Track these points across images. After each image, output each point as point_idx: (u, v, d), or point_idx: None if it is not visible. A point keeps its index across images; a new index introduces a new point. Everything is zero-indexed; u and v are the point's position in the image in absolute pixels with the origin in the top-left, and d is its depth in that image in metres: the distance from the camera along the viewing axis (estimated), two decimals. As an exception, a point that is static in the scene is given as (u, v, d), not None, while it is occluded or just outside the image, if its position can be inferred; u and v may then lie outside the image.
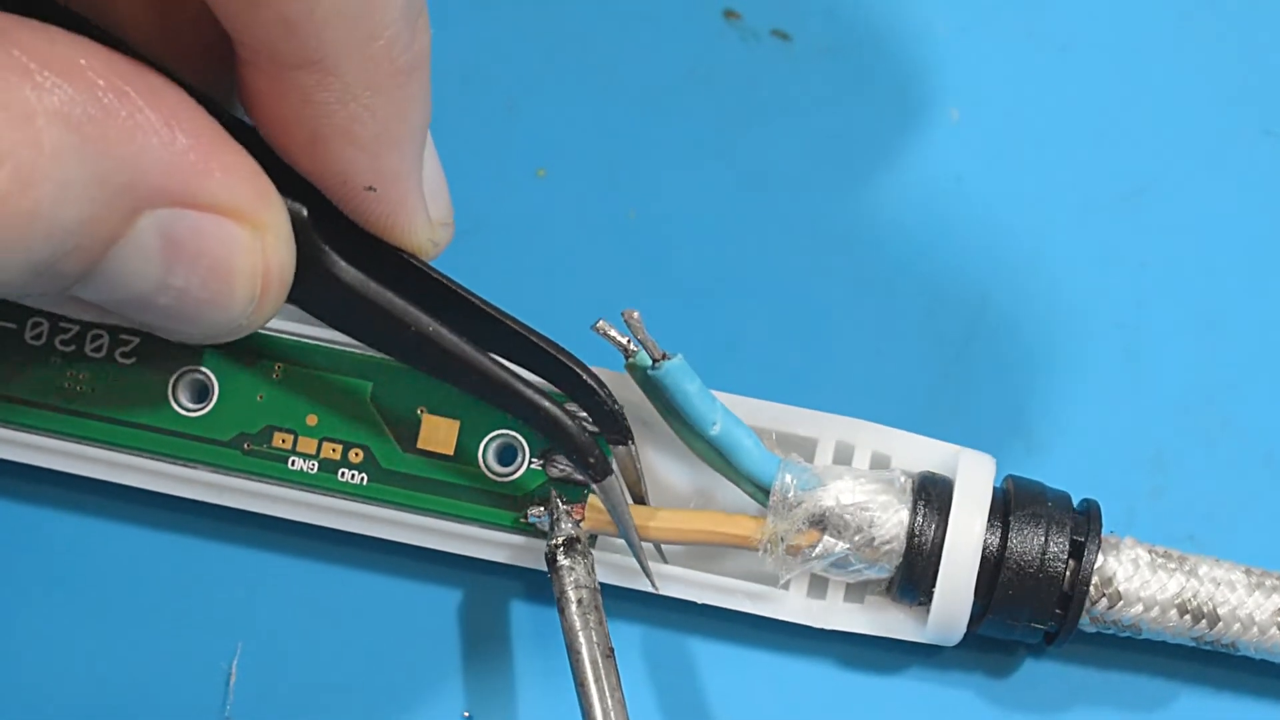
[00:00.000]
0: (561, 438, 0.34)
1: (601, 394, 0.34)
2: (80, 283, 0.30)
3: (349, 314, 0.33)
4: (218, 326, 0.31)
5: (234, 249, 0.30)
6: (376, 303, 0.33)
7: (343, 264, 0.32)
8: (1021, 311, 0.39)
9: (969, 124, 0.41)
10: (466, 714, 0.37)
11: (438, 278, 0.34)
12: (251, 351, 0.36)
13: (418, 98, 0.31)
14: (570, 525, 0.35)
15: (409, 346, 0.33)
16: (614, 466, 0.34)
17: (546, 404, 0.34)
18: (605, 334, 0.34)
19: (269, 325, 0.36)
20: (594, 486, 0.34)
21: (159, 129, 0.29)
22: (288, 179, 0.31)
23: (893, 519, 0.34)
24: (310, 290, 0.32)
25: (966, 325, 0.39)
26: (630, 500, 0.35)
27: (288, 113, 0.31)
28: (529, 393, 0.33)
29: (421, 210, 0.33)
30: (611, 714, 0.33)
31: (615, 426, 0.34)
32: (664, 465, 0.36)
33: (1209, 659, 0.36)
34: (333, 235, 0.32)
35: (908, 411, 0.37)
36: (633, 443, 0.35)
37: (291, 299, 0.32)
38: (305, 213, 0.32)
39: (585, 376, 0.34)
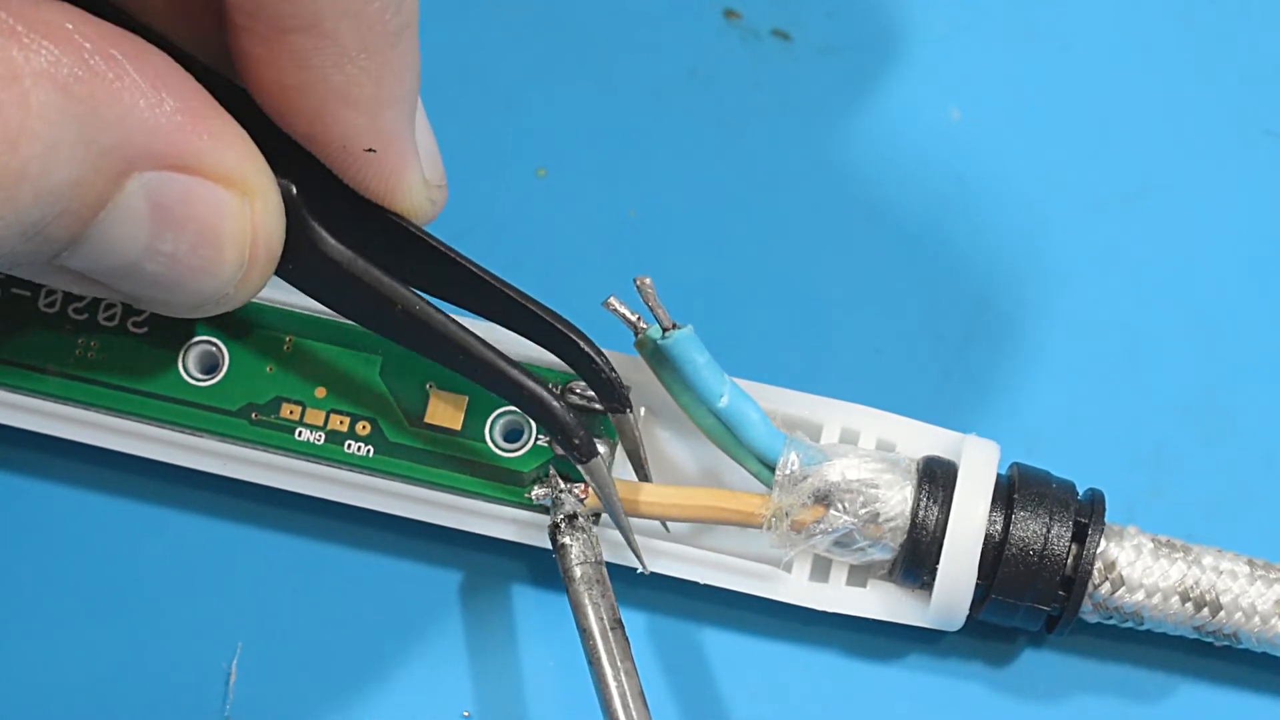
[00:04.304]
0: (546, 418, 0.34)
1: (599, 362, 0.34)
2: (69, 249, 0.30)
3: (336, 291, 0.33)
4: (205, 294, 0.32)
5: (223, 214, 0.30)
6: (364, 280, 0.33)
7: (331, 241, 0.33)
8: (1021, 311, 0.39)
9: (969, 124, 0.41)
10: (466, 714, 0.37)
11: (435, 244, 0.34)
12: (262, 324, 0.36)
13: (409, 58, 0.32)
14: (572, 501, 0.35)
15: (396, 324, 0.33)
16: (600, 449, 0.35)
17: (531, 384, 0.34)
18: (615, 310, 0.34)
19: (278, 299, 0.36)
20: (580, 468, 0.34)
21: (146, 91, 0.29)
22: (276, 155, 0.32)
23: (897, 496, 0.34)
24: (299, 267, 0.33)
25: (966, 325, 0.39)
26: (634, 475, 0.35)
27: (285, 78, 0.31)
28: (514, 372, 0.34)
29: (418, 170, 0.33)
30: (624, 684, 0.33)
31: (613, 395, 0.34)
32: (671, 448, 0.37)
33: (1209, 652, 0.36)
34: (321, 212, 0.33)
35: (908, 412, 0.37)
36: (631, 410, 0.35)
37: (280, 274, 0.33)
38: (294, 190, 0.32)
39: (583, 344, 0.34)
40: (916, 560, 0.34)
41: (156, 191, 0.30)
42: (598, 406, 0.35)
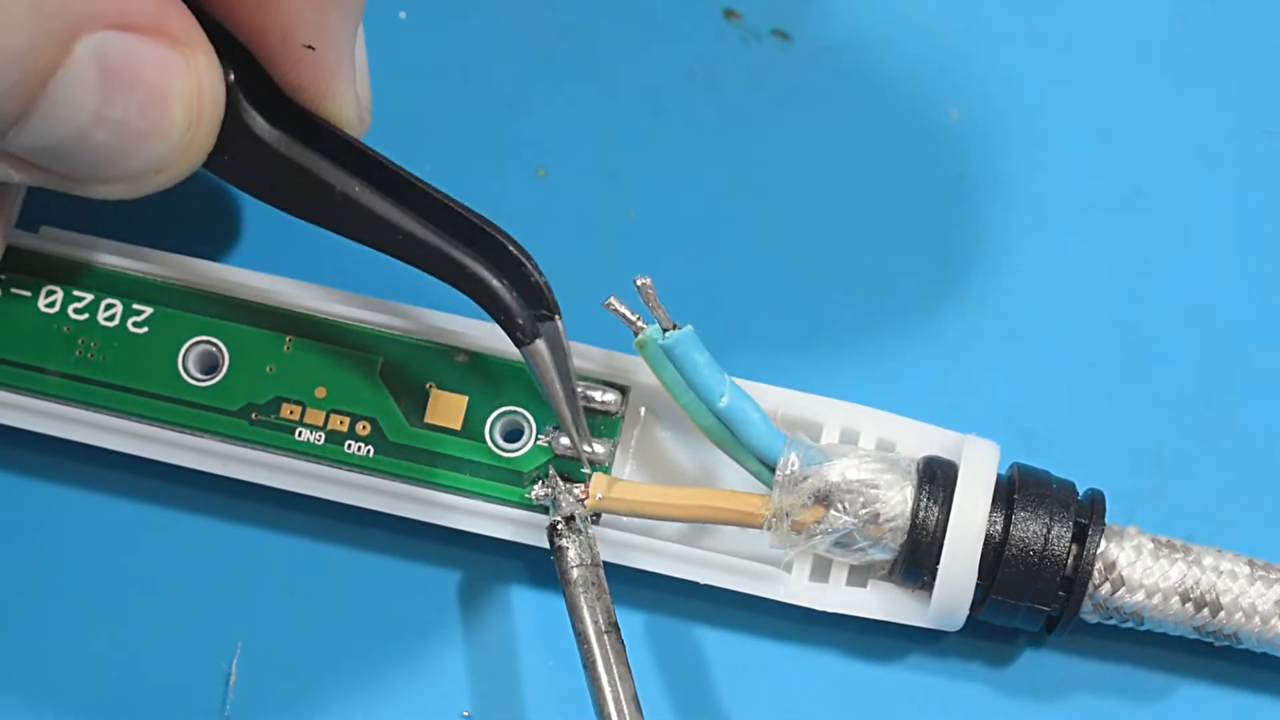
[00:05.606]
0: (487, 299, 0.34)
1: (529, 265, 0.34)
2: (18, 125, 0.30)
3: (273, 179, 0.33)
4: (152, 161, 0.31)
5: (169, 72, 0.30)
6: (301, 164, 0.33)
7: (266, 125, 0.33)
8: (1021, 312, 0.39)
9: (969, 124, 0.41)
10: (466, 714, 0.37)
11: (360, 146, 0.34)
12: (262, 324, 0.36)
13: None
14: (570, 503, 0.35)
15: (334, 210, 0.33)
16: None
17: (473, 264, 0.34)
18: (615, 310, 0.34)
19: (279, 298, 0.36)
20: (521, 350, 0.34)
21: None
22: (213, 42, 0.32)
23: (897, 496, 0.34)
24: (234, 155, 0.33)
25: (966, 326, 0.39)
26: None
27: None
28: (456, 254, 0.34)
29: (352, 82, 0.33)
30: (618, 686, 0.33)
31: (542, 299, 0.34)
32: (671, 448, 0.37)
33: (1209, 652, 0.36)
34: (258, 100, 0.33)
35: (908, 412, 0.37)
36: (559, 317, 0.34)
37: (217, 169, 0.33)
38: (232, 77, 0.32)
39: (511, 247, 0.34)
40: (917, 560, 0.34)
41: (104, 54, 0.30)
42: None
